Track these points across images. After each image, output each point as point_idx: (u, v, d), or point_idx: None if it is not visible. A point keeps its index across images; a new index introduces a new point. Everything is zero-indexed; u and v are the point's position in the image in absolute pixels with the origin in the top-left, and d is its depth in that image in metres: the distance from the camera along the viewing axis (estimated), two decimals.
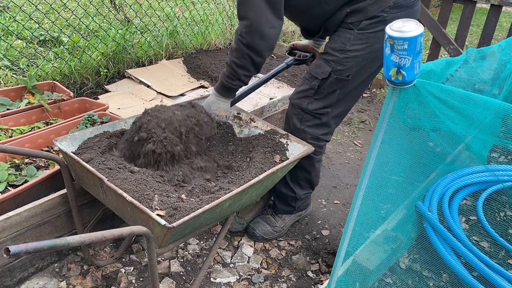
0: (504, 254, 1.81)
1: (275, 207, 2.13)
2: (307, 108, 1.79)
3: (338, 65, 1.69)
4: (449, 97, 1.10)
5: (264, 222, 2.08)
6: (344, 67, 1.69)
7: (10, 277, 1.60)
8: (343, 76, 1.70)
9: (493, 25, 3.39)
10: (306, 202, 2.15)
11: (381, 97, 4.00)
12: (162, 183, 1.45)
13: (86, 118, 2.08)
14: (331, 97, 1.76)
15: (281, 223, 2.10)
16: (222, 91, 1.75)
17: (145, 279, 1.78)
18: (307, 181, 2.02)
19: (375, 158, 1.22)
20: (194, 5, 4.20)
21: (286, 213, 2.11)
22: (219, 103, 1.78)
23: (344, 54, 1.67)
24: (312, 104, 1.78)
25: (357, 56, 1.67)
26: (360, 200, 1.29)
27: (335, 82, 1.72)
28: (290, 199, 2.06)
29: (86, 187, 1.51)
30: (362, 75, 1.74)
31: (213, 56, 3.75)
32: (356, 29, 1.64)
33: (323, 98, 1.77)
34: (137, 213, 1.25)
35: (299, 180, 2.00)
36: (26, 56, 3.00)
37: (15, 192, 1.61)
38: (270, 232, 2.07)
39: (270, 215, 2.11)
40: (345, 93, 1.77)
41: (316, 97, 1.77)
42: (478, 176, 2.13)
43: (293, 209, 2.10)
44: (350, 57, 1.67)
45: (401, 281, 1.72)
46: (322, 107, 1.78)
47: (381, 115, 1.17)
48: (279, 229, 2.09)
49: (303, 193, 2.06)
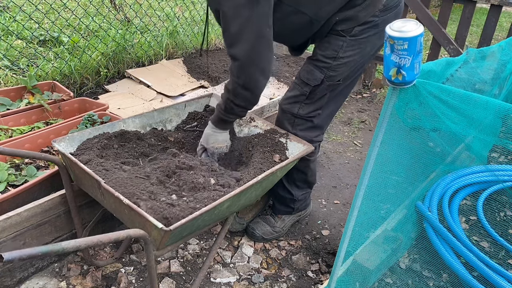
0: (504, 254, 1.81)
1: (274, 208, 2.13)
2: (298, 113, 1.78)
3: (331, 72, 1.67)
4: (449, 97, 1.09)
5: (264, 223, 2.08)
6: (336, 73, 1.68)
7: (10, 277, 1.60)
8: (335, 82, 1.70)
9: (493, 25, 3.38)
10: (305, 202, 2.14)
11: (381, 97, 4.00)
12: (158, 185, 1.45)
13: (86, 118, 2.08)
14: (321, 100, 1.76)
15: (281, 224, 2.10)
16: (219, 124, 1.72)
17: (145, 279, 1.78)
18: (304, 182, 2.02)
19: (375, 158, 1.22)
20: (194, 5, 4.20)
21: (285, 214, 2.11)
22: (216, 136, 1.74)
23: (337, 61, 1.65)
24: (303, 109, 1.77)
25: (349, 61, 1.66)
26: (360, 200, 1.29)
27: (327, 88, 1.71)
28: (288, 200, 2.05)
29: (85, 188, 1.51)
30: (352, 76, 1.75)
31: (213, 56, 3.75)
32: (348, 36, 1.62)
33: (314, 102, 1.76)
34: (134, 216, 1.24)
35: (295, 182, 1.99)
36: (26, 56, 3.00)
37: (15, 192, 1.61)
38: (270, 233, 2.07)
39: (269, 216, 2.11)
40: (335, 95, 1.77)
41: (306, 102, 1.76)
42: (478, 176, 2.13)
43: (292, 210, 2.09)
44: (343, 63, 1.66)
45: (401, 281, 1.72)
46: (313, 111, 1.77)
47: (381, 115, 1.17)
48: (279, 229, 2.09)
49: (300, 194, 2.05)
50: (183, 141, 1.88)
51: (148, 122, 1.84)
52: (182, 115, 1.98)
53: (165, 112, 1.91)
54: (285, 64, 3.80)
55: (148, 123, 1.83)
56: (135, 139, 1.73)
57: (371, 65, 4.09)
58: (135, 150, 1.69)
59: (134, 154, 1.68)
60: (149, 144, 1.76)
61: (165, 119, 1.91)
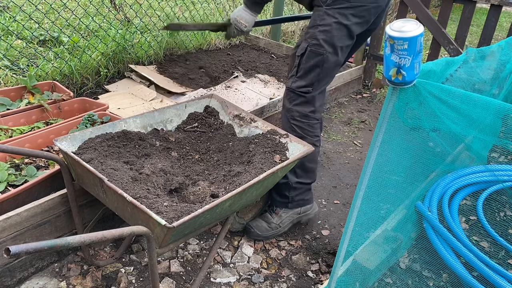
0: (504, 254, 1.81)
1: (271, 203, 2.12)
2: (291, 87, 1.95)
3: (313, 40, 1.87)
4: (449, 97, 1.10)
5: (260, 219, 2.08)
6: (317, 41, 1.86)
7: (10, 277, 1.61)
8: (318, 50, 1.87)
9: (493, 25, 3.38)
10: (302, 196, 2.09)
11: (381, 97, 4.00)
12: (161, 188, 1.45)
13: (86, 118, 2.08)
14: (311, 75, 1.91)
15: (277, 220, 2.07)
16: (249, 2, 2.04)
17: (145, 279, 1.78)
18: (302, 168, 2.00)
19: (375, 158, 1.22)
20: (194, 5, 4.20)
21: (281, 206, 2.08)
22: (243, 12, 2.08)
23: (316, 29, 1.87)
24: (295, 83, 1.94)
25: (326, 30, 1.85)
26: (360, 200, 1.29)
27: (312, 56, 1.88)
28: (283, 187, 2.04)
29: (86, 187, 1.51)
30: (335, 51, 1.90)
31: (213, 56, 3.75)
32: (324, 5, 1.85)
33: (303, 75, 1.92)
34: (137, 213, 1.25)
35: (293, 167, 1.96)
36: (26, 56, 3.00)
37: (15, 192, 1.61)
38: (265, 229, 2.05)
39: (267, 213, 2.10)
40: (324, 72, 1.93)
41: (298, 75, 1.93)
42: (478, 176, 2.13)
43: (287, 200, 2.05)
44: (321, 30, 1.86)
45: (401, 281, 1.72)
46: (304, 86, 1.92)
47: (381, 115, 1.17)
48: (275, 225, 2.06)
49: (296, 181, 2.02)
50: (183, 141, 1.88)
51: (149, 122, 1.84)
52: (182, 116, 1.98)
53: (166, 113, 1.91)
54: (285, 64, 3.80)
55: (149, 123, 1.84)
56: (136, 139, 1.73)
57: (371, 65, 4.09)
58: (137, 150, 1.70)
59: (137, 154, 1.68)
60: (150, 144, 1.76)
61: (166, 119, 1.91)
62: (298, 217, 2.15)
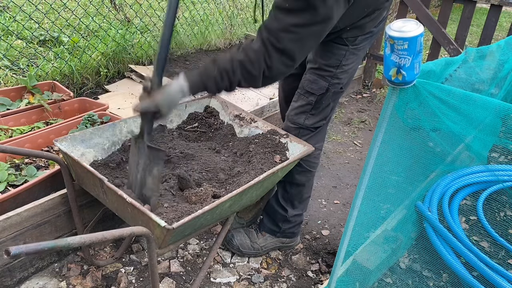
0: (504, 254, 1.81)
1: (261, 223, 2.04)
2: (304, 124, 1.80)
3: (334, 79, 1.71)
4: (449, 97, 1.10)
5: (246, 234, 1.99)
6: (339, 80, 1.72)
7: (10, 277, 1.60)
8: (338, 89, 1.75)
9: (493, 25, 3.38)
10: (293, 230, 2.00)
11: (381, 97, 4.00)
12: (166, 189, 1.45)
13: (86, 118, 2.08)
14: (326, 110, 1.79)
15: (262, 242, 1.98)
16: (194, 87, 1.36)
17: (145, 279, 1.78)
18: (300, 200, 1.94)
19: (375, 158, 1.22)
20: (194, 5, 4.20)
21: (270, 233, 2.00)
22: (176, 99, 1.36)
23: (340, 69, 1.70)
24: (308, 120, 1.79)
25: (349, 69, 1.72)
26: (360, 200, 1.29)
27: (331, 96, 1.75)
28: (279, 217, 1.95)
29: (86, 187, 1.51)
30: (349, 83, 1.82)
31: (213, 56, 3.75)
32: (351, 45, 1.65)
33: (319, 112, 1.79)
34: (137, 214, 1.25)
35: (292, 199, 1.92)
36: (26, 56, 3.00)
37: (15, 192, 1.61)
38: (248, 247, 1.96)
39: (254, 230, 2.02)
40: (337, 102, 1.83)
41: (312, 112, 1.78)
42: (478, 176, 2.13)
43: (278, 230, 1.97)
44: (345, 71, 1.71)
45: (401, 281, 1.72)
46: (319, 121, 1.80)
47: (381, 115, 1.17)
48: (258, 248, 1.97)
49: (293, 214, 1.95)
50: (184, 141, 1.88)
51: None
52: (182, 116, 1.98)
53: None
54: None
55: None
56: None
57: (371, 65, 4.09)
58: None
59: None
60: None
61: (166, 119, 1.91)
62: (280, 246, 2.05)
